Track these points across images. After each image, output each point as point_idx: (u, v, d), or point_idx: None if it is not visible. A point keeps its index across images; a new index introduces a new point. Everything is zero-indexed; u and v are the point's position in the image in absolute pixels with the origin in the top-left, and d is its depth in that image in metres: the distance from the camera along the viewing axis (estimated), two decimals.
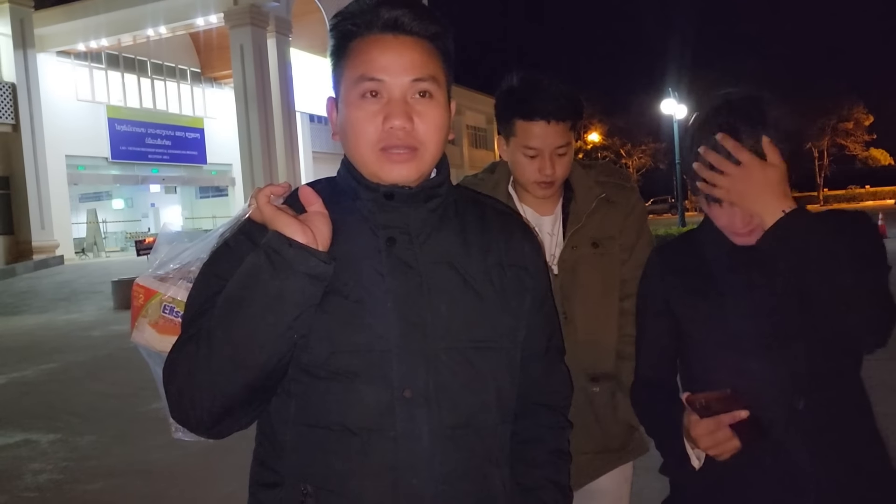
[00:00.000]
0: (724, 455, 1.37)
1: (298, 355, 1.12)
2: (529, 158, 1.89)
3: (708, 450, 1.37)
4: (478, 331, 1.19)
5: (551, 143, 1.87)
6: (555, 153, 1.88)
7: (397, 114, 1.14)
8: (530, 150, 1.88)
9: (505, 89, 1.94)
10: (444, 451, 1.14)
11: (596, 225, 1.97)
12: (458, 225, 1.25)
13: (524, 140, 1.88)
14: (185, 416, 1.11)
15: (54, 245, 23.12)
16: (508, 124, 1.92)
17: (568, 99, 1.88)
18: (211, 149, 31.32)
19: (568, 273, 1.94)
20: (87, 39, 26.09)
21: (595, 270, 1.95)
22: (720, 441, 1.35)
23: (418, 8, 1.18)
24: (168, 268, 1.38)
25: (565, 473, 1.35)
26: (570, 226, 1.97)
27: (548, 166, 1.88)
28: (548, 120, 1.85)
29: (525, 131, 1.88)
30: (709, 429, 1.35)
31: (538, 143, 1.87)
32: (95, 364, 8.93)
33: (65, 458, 5.25)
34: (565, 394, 1.40)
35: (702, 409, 1.34)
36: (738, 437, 1.35)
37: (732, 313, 1.47)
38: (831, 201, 51.27)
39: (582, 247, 1.96)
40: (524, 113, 1.87)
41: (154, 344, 1.37)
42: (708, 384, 1.40)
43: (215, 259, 1.19)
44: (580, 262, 1.95)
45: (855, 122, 53.48)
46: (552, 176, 1.89)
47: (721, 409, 1.33)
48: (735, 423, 1.33)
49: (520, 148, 1.90)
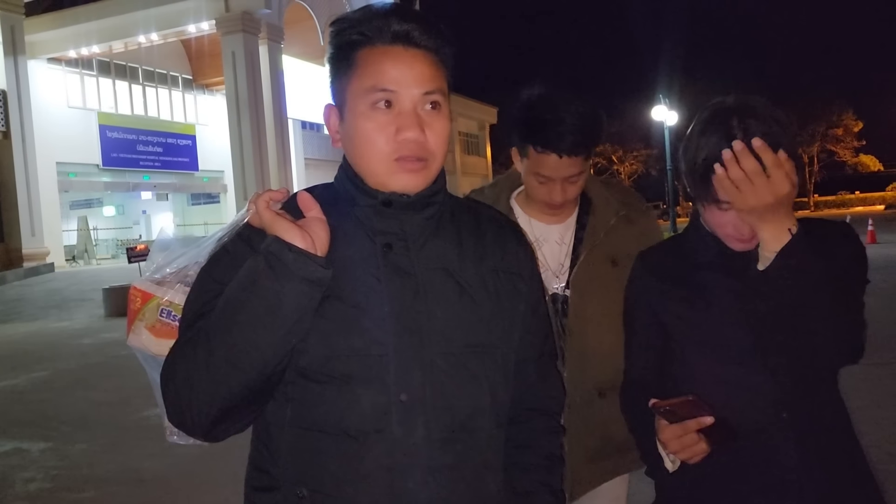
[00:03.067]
0: (695, 458, 1.38)
1: (296, 359, 1.12)
2: (540, 184, 1.86)
3: (677, 454, 1.39)
4: (473, 336, 1.20)
5: (563, 174, 1.83)
6: (567, 181, 1.85)
7: (411, 126, 1.15)
8: (541, 177, 1.85)
9: (523, 105, 1.86)
10: (440, 455, 1.15)
11: (614, 242, 1.94)
12: (454, 232, 1.26)
13: (535, 167, 1.84)
14: (181, 420, 1.12)
15: (45, 252, 22.99)
16: (522, 147, 1.87)
17: (585, 133, 1.79)
18: (203, 156, 31.29)
19: (582, 289, 1.91)
20: (79, 46, 26.06)
21: (612, 288, 1.85)
22: (687, 445, 1.36)
23: (427, 21, 1.19)
24: (165, 272, 1.39)
25: (558, 477, 1.36)
26: (588, 239, 1.94)
27: (558, 193, 1.85)
28: (560, 155, 1.79)
29: (537, 160, 1.83)
30: (676, 434, 1.36)
31: (549, 172, 1.83)
32: (86, 372, 8.88)
33: (56, 467, 5.21)
34: (559, 399, 1.41)
35: (668, 414, 1.36)
36: (708, 440, 1.36)
37: (718, 321, 1.47)
38: (822, 207, 51.60)
39: (599, 264, 1.92)
40: (537, 143, 1.81)
41: (151, 347, 1.37)
42: (693, 388, 1.40)
43: (214, 263, 1.20)
44: (596, 280, 1.92)
45: (844, 128, 53.89)
46: (561, 200, 1.87)
47: (687, 414, 1.34)
48: (703, 427, 1.34)
49: (531, 172, 1.87)
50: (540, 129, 1.80)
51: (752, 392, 1.44)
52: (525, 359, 1.32)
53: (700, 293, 1.50)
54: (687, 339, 1.53)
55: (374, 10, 1.19)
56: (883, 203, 49.81)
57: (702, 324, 1.49)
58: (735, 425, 1.37)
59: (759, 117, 1.34)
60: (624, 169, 59.26)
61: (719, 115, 1.38)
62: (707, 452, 1.37)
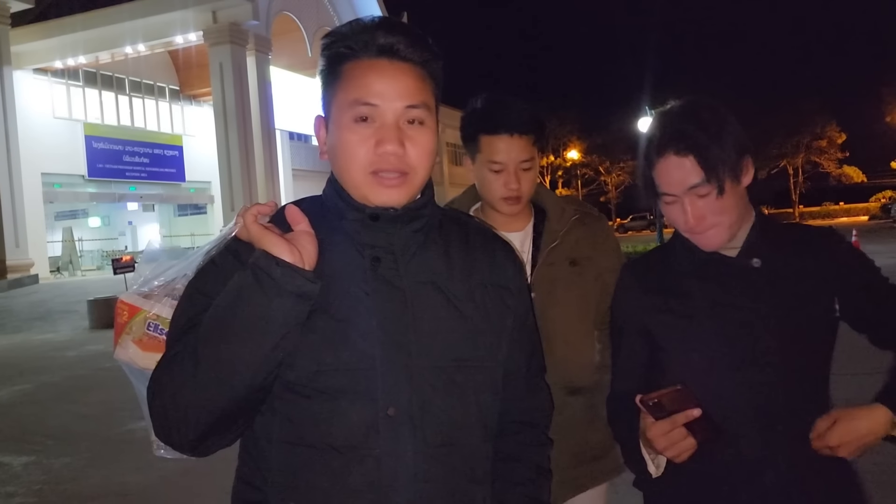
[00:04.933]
0: (682, 456, 1.38)
1: (283, 373, 1.12)
2: (495, 174, 1.93)
3: (665, 451, 1.38)
4: (461, 349, 1.20)
5: (515, 157, 1.91)
6: (519, 168, 1.92)
7: (390, 139, 1.15)
8: (495, 164, 1.92)
9: (470, 110, 1.99)
10: (427, 469, 1.15)
11: (572, 244, 2.01)
12: (442, 245, 1.26)
13: (489, 155, 1.93)
14: (168, 434, 1.11)
15: (29, 264, 22.76)
16: (474, 141, 1.97)
17: (530, 114, 1.94)
18: (190, 166, 31.15)
19: (544, 290, 1.95)
20: (65, 57, 25.92)
21: (573, 288, 1.98)
22: (675, 440, 1.36)
23: (413, 34, 1.20)
24: (152, 285, 1.38)
25: (546, 491, 1.36)
26: (546, 244, 2.00)
27: (513, 180, 1.92)
28: (510, 133, 1.90)
29: (489, 146, 1.93)
30: (664, 430, 1.36)
31: (503, 156, 1.91)
32: (70, 385, 8.79)
33: (38, 481, 5.15)
34: (546, 411, 1.41)
35: (655, 408, 1.35)
36: (694, 436, 1.36)
37: (706, 333, 1.48)
38: (806, 217, 52.00)
39: (559, 265, 1.99)
40: (488, 128, 1.92)
41: (138, 361, 1.37)
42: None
43: (201, 276, 1.20)
44: (557, 280, 1.97)
45: (828, 139, 54.36)
46: (518, 190, 1.93)
47: (674, 407, 1.34)
48: (690, 423, 1.34)
49: (485, 164, 1.94)
50: (488, 114, 1.95)
51: (741, 403, 1.45)
52: (513, 372, 1.32)
53: (685, 302, 1.52)
54: (675, 349, 1.53)
55: (363, 23, 1.20)
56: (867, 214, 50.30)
57: (689, 333, 1.50)
58: (717, 421, 1.37)
59: (688, 120, 1.45)
60: (611, 180, 59.49)
61: (656, 131, 1.49)
62: (694, 448, 1.37)
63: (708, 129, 1.42)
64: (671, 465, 1.43)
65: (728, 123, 1.45)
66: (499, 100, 1.96)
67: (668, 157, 1.44)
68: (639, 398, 1.36)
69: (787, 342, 1.43)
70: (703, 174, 1.42)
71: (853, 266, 1.51)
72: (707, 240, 1.48)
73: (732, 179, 1.44)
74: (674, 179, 1.45)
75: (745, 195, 1.51)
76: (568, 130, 56.12)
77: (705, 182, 1.42)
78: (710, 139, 1.41)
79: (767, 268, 1.48)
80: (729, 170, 1.42)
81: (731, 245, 1.50)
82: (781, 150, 53.18)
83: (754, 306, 1.45)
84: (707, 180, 1.42)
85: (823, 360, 1.50)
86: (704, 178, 1.42)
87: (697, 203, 1.44)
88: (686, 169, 1.43)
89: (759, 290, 1.46)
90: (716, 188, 1.42)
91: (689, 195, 1.44)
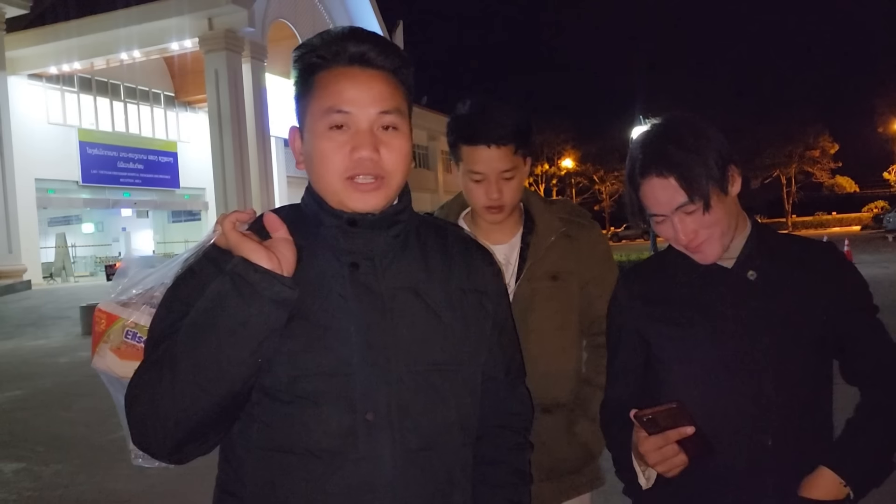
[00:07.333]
0: (673, 471, 1.38)
1: (261, 379, 1.12)
2: (476, 183, 1.92)
3: (656, 466, 1.39)
4: (440, 354, 1.21)
5: (495, 168, 1.88)
6: (500, 177, 1.89)
7: (365, 145, 1.17)
8: (475, 174, 1.90)
9: (453, 116, 1.97)
10: (407, 473, 1.16)
11: (555, 259, 1.98)
12: (421, 250, 1.27)
13: (469, 165, 1.91)
14: (146, 442, 1.11)
15: (22, 269, 22.65)
16: (456, 149, 1.96)
17: (512, 123, 1.88)
18: (184, 173, 31.09)
19: (523, 306, 1.94)
20: (60, 63, 25.86)
21: (552, 303, 1.96)
22: (667, 456, 1.37)
23: (383, 42, 1.22)
24: (131, 293, 1.38)
25: (526, 494, 1.37)
26: (530, 258, 1.98)
27: (494, 190, 1.90)
28: (488, 144, 1.86)
29: (469, 156, 1.90)
30: (656, 445, 1.36)
31: (482, 167, 1.89)
32: (62, 391, 8.75)
33: (29, 488, 5.12)
34: (526, 415, 1.42)
35: (649, 423, 1.36)
36: (686, 453, 1.37)
37: (700, 342, 1.49)
38: (799, 227, 52.13)
39: (538, 280, 1.97)
40: (466, 138, 1.90)
41: (115, 369, 1.36)
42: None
43: (179, 284, 1.20)
44: (536, 295, 1.96)
45: (821, 150, 54.59)
46: (499, 200, 1.91)
47: (668, 424, 1.35)
48: (683, 439, 1.35)
49: (467, 173, 1.93)
50: (467, 124, 1.91)
51: (736, 416, 1.45)
52: (492, 376, 1.33)
53: (681, 311, 1.52)
54: (670, 358, 1.54)
55: (333, 33, 1.22)
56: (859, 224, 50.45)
57: (684, 342, 1.51)
58: (711, 442, 1.38)
59: (667, 140, 1.45)
60: (605, 188, 59.61)
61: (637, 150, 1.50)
62: (685, 465, 1.38)
63: (687, 146, 1.42)
64: (661, 476, 1.43)
65: (707, 137, 1.45)
66: (481, 107, 1.91)
67: (651, 179, 1.44)
68: (633, 413, 1.36)
69: (781, 354, 1.43)
70: (686, 194, 1.42)
71: (845, 289, 1.49)
72: (703, 256, 1.48)
73: (719, 192, 1.43)
74: (660, 200, 1.45)
75: (736, 203, 1.51)
76: (562, 139, 56.26)
77: (690, 201, 1.42)
78: (690, 157, 1.41)
79: (763, 280, 1.48)
80: (714, 183, 1.42)
81: (727, 256, 1.50)
82: (774, 160, 53.42)
83: (748, 318, 1.45)
84: (691, 199, 1.41)
85: (818, 373, 1.48)
86: (688, 198, 1.42)
87: (686, 220, 1.44)
88: (671, 189, 1.42)
89: (754, 302, 1.46)
90: (702, 205, 1.42)
91: (678, 214, 1.44)
